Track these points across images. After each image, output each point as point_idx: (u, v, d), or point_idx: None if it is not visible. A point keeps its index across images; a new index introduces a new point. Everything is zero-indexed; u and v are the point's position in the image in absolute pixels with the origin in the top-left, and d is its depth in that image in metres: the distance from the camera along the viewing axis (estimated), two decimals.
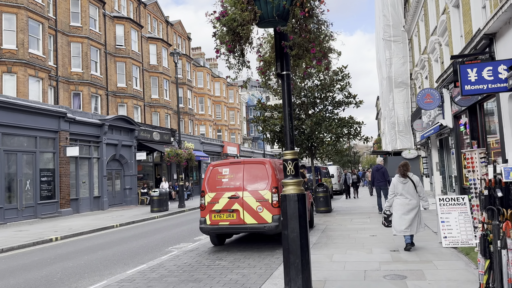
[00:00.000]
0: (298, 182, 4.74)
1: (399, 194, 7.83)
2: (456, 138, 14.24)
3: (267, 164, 8.48)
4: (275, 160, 9.14)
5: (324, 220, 13.05)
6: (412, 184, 7.85)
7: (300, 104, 16.83)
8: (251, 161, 8.70)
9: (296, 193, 4.70)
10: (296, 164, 4.78)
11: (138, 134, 25.48)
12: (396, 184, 7.91)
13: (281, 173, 9.03)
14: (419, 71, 23.18)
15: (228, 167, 8.66)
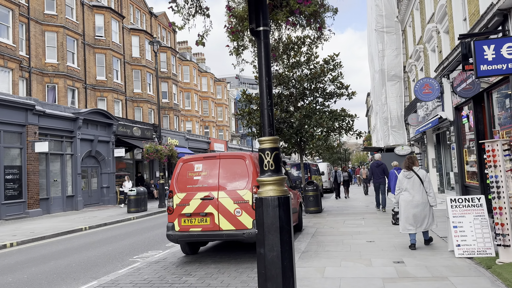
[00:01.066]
0: (279, 181, 3.43)
1: (404, 189, 7.37)
2: (458, 132, 13.07)
3: (247, 158, 7.13)
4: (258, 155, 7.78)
5: (314, 222, 11.77)
6: (417, 179, 7.26)
7: (288, 96, 15.51)
8: (229, 155, 7.32)
9: (276, 195, 3.38)
10: (277, 156, 3.46)
11: (116, 129, 23.92)
12: (401, 179, 7.45)
13: None
14: (414, 63, 22.04)
15: (201, 163, 7.29)
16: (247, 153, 7.28)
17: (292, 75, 14.67)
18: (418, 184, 7.23)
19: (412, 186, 7.25)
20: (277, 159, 3.44)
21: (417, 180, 7.25)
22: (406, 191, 7.31)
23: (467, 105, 12.22)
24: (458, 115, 13.04)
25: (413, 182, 7.25)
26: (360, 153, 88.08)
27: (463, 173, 12.89)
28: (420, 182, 7.26)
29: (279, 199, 3.36)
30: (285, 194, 3.44)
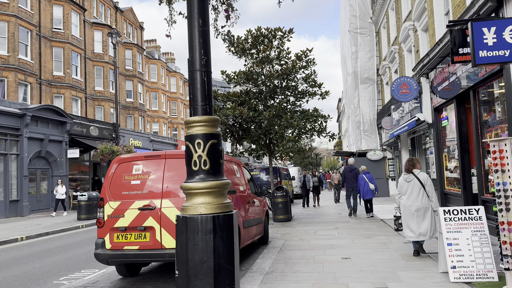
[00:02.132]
0: (217, 189, 2.12)
1: (403, 193, 6.93)
2: (437, 135, 12.17)
3: (238, 163, 5.79)
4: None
5: (282, 233, 10.49)
6: (417, 182, 6.76)
7: (257, 94, 14.25)
8: (177, 154, 5.88)
9: (211, 213, 2.05)
10: (215, 149, 2.11)
11: (70, 128, 21.93)
12: (401, 182, 7.03)
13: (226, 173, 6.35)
14: (388, 65, 21.31)
15: (142, 163, 5.84)
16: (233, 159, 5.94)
17: (261, 70, 13.40)
18: (418, 188, 6.73)
19: (411, 190, 6.76)
20: (215, 153, 2.11)
21: (417, 184, 6.74)
22: (405, 196, 6.86)
23: (448, 105, 11.32)
24: (438, 117, 12.15)
25: (412, 186, 6.76)
26: (331, 158, 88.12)
27: (443, 179, 11.98)
28: (421, 186, 6.73)
29: (216, 219, 2.04)
30: (226, 210, 2.11)
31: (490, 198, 8.56)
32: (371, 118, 24.74)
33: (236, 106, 12.72)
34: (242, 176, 7.39)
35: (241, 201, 6.82)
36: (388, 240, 8.66)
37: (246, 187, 7.41)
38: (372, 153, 24.41)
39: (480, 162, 8.99)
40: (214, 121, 2.21)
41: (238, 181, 6.97)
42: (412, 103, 13.86)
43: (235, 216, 2.22)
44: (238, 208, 6.52)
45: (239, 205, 6.67)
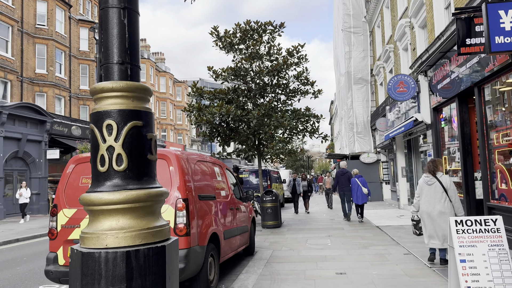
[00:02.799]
0: (140, 204, 1.23)
1: (424, 197, 6.48)
2: (436, 136, 11.44)
3: (172, 159, 4.90)
4: (191, 155, 5.55)
5: (271, 241, 9.65)
6: (439, 186, 6.35)
7: (246, 91, 13.42)
8: None
9: (125, 246, 1.16)
10: (139, 135, 1.25)
11: (50, 128, 20.89)
12: (421, 185, 6.59)
13: (202, 175, 5.50)
14: (382, 65, 20.64)
15: None
16: (173, 151, 5.05)
17: (250, 65, 12.58)
18: (440, 192, 6.33)
19: (433, 194, 6.35)
20: (139, 144, 1.26)
21: (439, 188, 6.34)
22: (426, 200, 6.41)
23: (448, 105, 10.60)
24: (437, 117, 11.42)
25: (434, 190, 6.35)
26: (323, 161, 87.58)
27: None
28: (443, 190, 6.32)
29: (132, 258, 1.17)
30: (154, 240, 1.27)
31: (497, 204, 7.82)
32: (365, 119, 24.05)
33: (223, 104, 11.88)
34: (224, 179, 6.54)
35: (222, 208, 5.97)
36: (386, 251, 7.86)
37: (229, 192, 6.56)
38: (365, 156, 23.72)
39: (486, 165, 8.25)
40: (140, 90, 1.39)
41: (219, 185, 6.12)
42: (409, 102, 13.15)
43: (174, 248, 1.38)
44: (217, 216, 5.67)
45: (220, 212, 5.82)
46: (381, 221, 12.85)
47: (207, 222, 5.16)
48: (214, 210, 5.58)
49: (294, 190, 16.64)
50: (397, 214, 14.81)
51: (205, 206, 5.26)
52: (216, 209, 5.69)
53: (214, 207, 5.63)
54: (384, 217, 14.08)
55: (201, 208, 5.07)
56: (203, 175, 5.50)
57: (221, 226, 5.74)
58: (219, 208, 5.84)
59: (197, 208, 4.94)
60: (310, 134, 13.89)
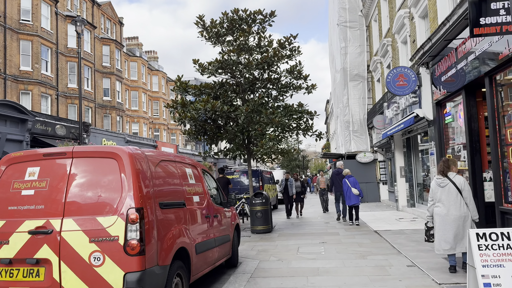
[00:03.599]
0: None
1: (438, 200, 5.94)
2: (439, 133, 10.55)
3: (124, 157, 3.94)
4: (151, 153, 4.54)
5: (258, 249, 8.72)
6: (453, 187, 5.80)
7: (235, 86, 12.50)
8: (89, 152, 4.02)
9: None
10: None
11: (32, 127, 19.85)
12: (433, 187, 6.06)
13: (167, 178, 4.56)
14: (379, 60, 19.77)
15: (39, 164, 4.02)
16: (125, 148, 4.08)
17: (237, 57, 11.64)
18: (454, 193, 5.78)
19: (447, 196, 5.81)
20: None
21: (453, 189, 5.80)
22: (439, 203, 5.87)
23: (453, 99, 9.72)
24: (440, 112, 10.54)
25: (448, 192, 5.81)
26: (319, 161, 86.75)
27: None
28: (457, 192, 5.77)
29: None
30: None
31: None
32: (361, 117, 23.18)
33: (209, 99, 10.94)
34: (199, 182, 5.59)
35: (194, 217, 5.03)
36: (387, 262, 6.95)
37: (205, 197, 5.62)
38: (362, 155, 22.85)
39: (498, 164, 7.36)
40: None
41: (192, 189, 5.17)
42: (409, 97, 12.26)
43: None
44: (187, 227, 4.73)
45: (191, 222, 4.89)
46: (379, 224, 11.97)
47: (172, 235, 4.22)
48: (183, 220, 4.64)
49: (286, 191, 14.91)
50: (396, 216, 13.93)
51: (170, 215, 4.33)
52: (186, 219, 4.75)
53: (184, 216, 4.69)
54: (382, 220, 13.20)
55: (163, 219, 4.14)
56: (168, 178, 4.57)
57: (193, 239, 4.81)
58: (191, 217, 4.90)
59: (158, 218, 4.00)
60: (304, 132, 12.98)
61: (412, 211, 14.42)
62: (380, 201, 22.00)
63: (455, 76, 9.03)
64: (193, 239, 4.83)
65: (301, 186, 15.38)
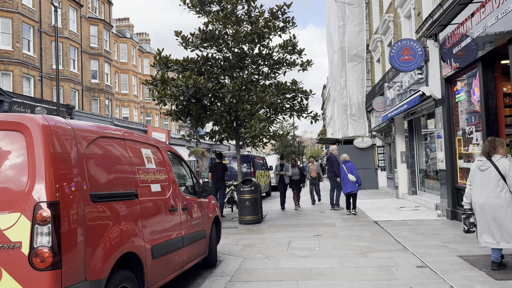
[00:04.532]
0: None
1: (475, 185, 5.13)
2: (448, 113, 9.46)
3: (35, 130, 2.80)
4: (82, 126, 3.34)
5: (244, 243, 7.67)
6: (495, 171, 4.90)
7: (222, 61, 11.30)
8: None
9: None
10: None
11: (9, 108, 18.62)
12: (473, 171, 5.22)
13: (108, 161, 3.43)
14: (379, 38, 18.55)
15: None
16: (37, 117, 2.94)
17: (224, 27, 10.39)
18: (495, 179, 4.91)
19: (485, 181, 4.98)
20: None
21: (494, 174, 4.92)
22: (478, 189, 5.07)
23: (466, 73, 8.59)
24: (450, 90, 9.42)
25: (488, 176, 4.98)
26: (315, 147, 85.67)
27: (455, 170, 9.31)
28: (499, 177, 4.87)
29: None
30: None
31: None
32: (359, 100, 22.05)
33: (191, 75, 9.74)
34: (162, 167, 4.46)
35: (151, 212, 3.92)
36: (393, 261, 5.91)
37: (171, 186, 4.49)
38: (359, 140, 21.77)
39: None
40: None
41: (149, 176, 4.04)
42: (414, 75, 11.12)
43: None
44: (139, 224, 3.62)
45: (146, 218, 3.78)
46: (379, 214, 10.95)
47: (111, 238, 3.12)
48: (132, 216, 3.53)
49: (281, 178, 13.08)
50: (397, 205, 12.93)
51: (110, 211, 3.21)
52: (139, 214, 3.64)
53: (134, 210, 3.58)
54: (382, 208, 12.19)
55: (97, 216, 3.02)
56: (109, 161, 3.43)
57: (148, 239, 3.71)
58: (146, 211, 3.79)
59: (87, 216, 2.89)
60: (298, 113, 11.85)
61: (413, 199, 13.42)
62: (378, 188, 21.04)
63: (469, 47, 7.90)
64: (149, 240, 3.73)
65: (300, 172, 13.62)
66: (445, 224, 8.76)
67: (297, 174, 13.39)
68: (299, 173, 13.48)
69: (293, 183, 13.27)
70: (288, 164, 13.29)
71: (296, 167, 13.60)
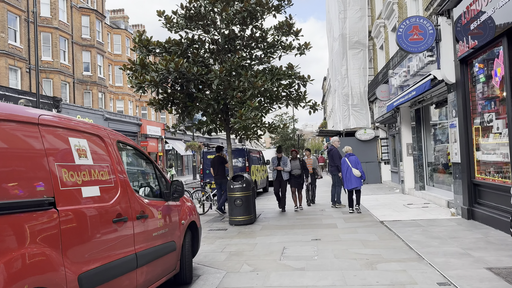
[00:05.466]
0: None
1: None
2: (464, 98, 8.34)
3: None
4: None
5: (231, 251, 6.60)
6: None
7: (209, 44, 10.17)
8: None
9: None
10: None
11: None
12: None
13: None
14: (382, 23, 17.37)
15: None
16: None
17: (210, 3, 9.23)
18: None
19: None
20: None
21: None
22: None
23: (486, 52, 7.46)
24: (466, 72, 8.30)
25: None
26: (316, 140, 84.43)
27: (471, 163, 8.22)
28: None
29: None
30: None
31: None
32: (361, 90, 20.90)
33: (174, 57, 8.61)
34: (106, 162, 3.35)
35: (81, 226, 2.83)
36: (407, 274, 4.84)
37: (119, 189, 3.39)
38: (361, 132, 20.66)
39: None
40: None
41: (80, 175, 2.95)
42: (424, 57, 9.98)
43: None
44: (54, 247, 2.53)
45: (71, 236, 2.70)
46: (384, 212, 9.89)
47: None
48: (44, 234, 2.45)
49: (279, 174, 11.22)
50: (403, 201, 11.87)
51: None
52: (56, 230, 2.56)
53: (46, 226, 2.49)
54: (387, 205, 11.12)
55: None
56: (6, 155, 2.34)
57: (75, 266, 2.64)
58: (69, 225, 2.71)
59: None
60: (295, 102, 10.73)
61: (421, 195, 12.35)
62: (382, 182, 19.97)
63: (490, 21, 6.77)
64: (76, 267, 2.65)
65: (302, 167, 11.44)
66: (462, 225, 7.68)
67: (298, 167, 11.36)
68: (300, 166, 11.41)
69: (293, 179, 11.35)
70: (286, 158, 11.51)
71: (297, 159, 11.54)
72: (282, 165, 11.26)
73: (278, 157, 11.46)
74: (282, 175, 11.25)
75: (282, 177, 11.25)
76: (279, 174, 11.30)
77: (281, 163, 11.30)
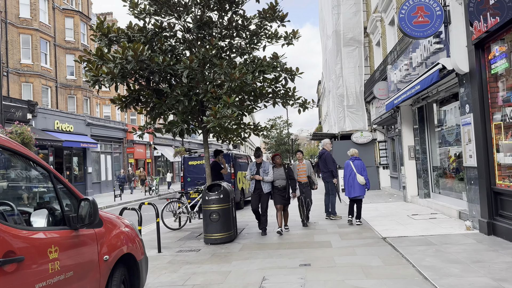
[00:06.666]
0: None
1: None
2: (480, 91, 6.98)
3: None
4: None
5: (197, 282, 5.17)
6: None
7: (182, 32, 8.79)
8: None
9: None
10: None
11: None
12: None
13: None
14: (379, 17, 16.10)
15: None
16: None
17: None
18: None
19: None
20: None
21: None
22: None
23: (507, 33, 6.12)
24: (482, 59, 6.95)
25: None
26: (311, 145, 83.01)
27: (491, 167, 6.84)
28: None
29: None
30: None
31: None
32: (357, 90, 19.58)
33: (135, 45, 7.20)
34: None
35: None
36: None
37: None
38: (358, 135, 19.29)
39: None
40: None
41: None
42: (430, 45, 8.63)
43: None
44: None
45: None
46: (387, 226, 8.48)
47: None
48: None
49: (257, 186, 8.58)
50: (407, 211, 10.48)
51: None
52: None
53: None
54: (389, 217, 9.72)
55: None
56: None
57: None
58: None
59: None
60: (283, 99, 9.32)
61: (427, 204, 10.97)
62: (380, 188, 18.59)
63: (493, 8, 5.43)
64: None
65: (287, 177, 8.57)
66: (483, 243, 6.29)
67: (283, 177, 8.54)
68: (285, 176, 8.57)
69: (277, 193, 8.53)
70: (268, 163, 8.76)
71: (282, 167, 8.73)
72: (262, 174, 8.57)
73: (258, 162, 8.76)
74: (262, 186, 8.53)
75: (262, 189, 8.54)
76: (258, 185, 8.59)
77: (261, 170, 8.62)
